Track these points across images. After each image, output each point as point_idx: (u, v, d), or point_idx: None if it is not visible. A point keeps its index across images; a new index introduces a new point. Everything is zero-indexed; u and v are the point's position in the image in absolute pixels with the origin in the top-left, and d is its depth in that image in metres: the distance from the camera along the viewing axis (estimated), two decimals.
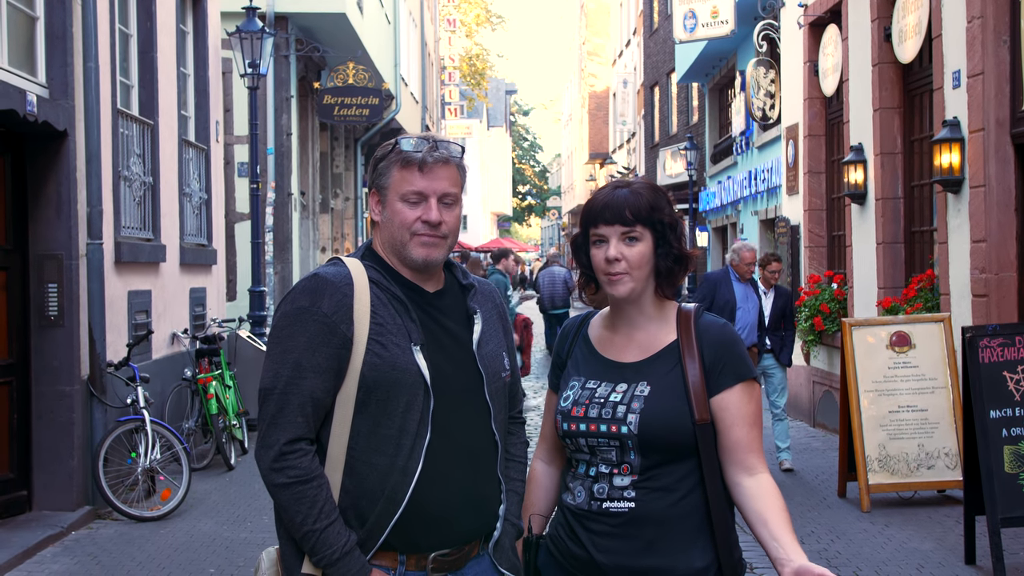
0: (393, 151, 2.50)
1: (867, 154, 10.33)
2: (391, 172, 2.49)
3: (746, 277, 8.97)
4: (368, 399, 2.39)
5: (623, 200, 2.51)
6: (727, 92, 20.52)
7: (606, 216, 2.51)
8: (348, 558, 2.35)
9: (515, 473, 2.66)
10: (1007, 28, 7.66)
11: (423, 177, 2.47)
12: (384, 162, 2.51)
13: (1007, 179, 7.68)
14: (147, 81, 9.27)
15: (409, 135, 2.53)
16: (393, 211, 2.49)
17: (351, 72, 16.88)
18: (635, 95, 34.49)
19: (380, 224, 2.53)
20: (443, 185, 2.48)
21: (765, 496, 2.44)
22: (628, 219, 2.49)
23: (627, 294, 2.53)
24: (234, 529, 7.26)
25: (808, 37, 12.36)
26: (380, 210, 2.53)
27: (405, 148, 2.47)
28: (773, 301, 9.21)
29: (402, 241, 2.49)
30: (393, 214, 2.49)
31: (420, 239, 2.47)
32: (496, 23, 44.45)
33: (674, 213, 2.56)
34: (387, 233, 2.52)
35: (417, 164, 2.46)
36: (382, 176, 2.51)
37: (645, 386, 2.49)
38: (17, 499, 7.34)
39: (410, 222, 2.47)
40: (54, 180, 7.47)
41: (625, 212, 2.49)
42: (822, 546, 6.73)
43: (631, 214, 2.49)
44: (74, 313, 7.51)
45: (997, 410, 6.10)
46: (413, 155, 2.46)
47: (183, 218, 10.15)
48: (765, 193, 16.33)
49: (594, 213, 2.54)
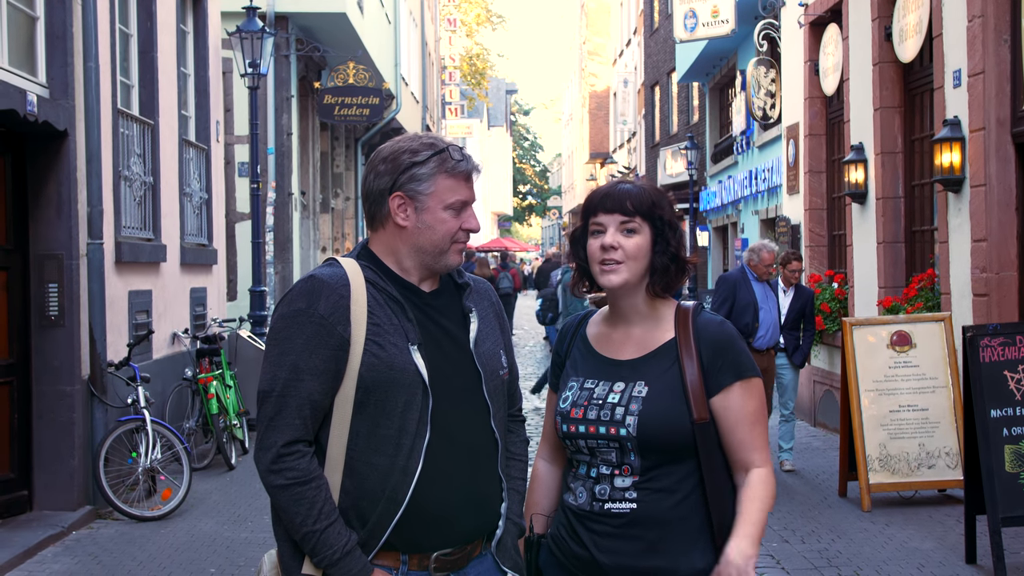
0: (436, 157, 2.48)
1: (868, 153, 10.33)
2: (435, 179, 2.47)
3: (764, 277, 8.79)
4: (367, 400, 2.39)
5: (625, 192, 2.53)
6: (728, 91, 20.52)
7: (606, 205, 2.52)
8: (349, 558, 2.35)
9: (516, 472, 2.66)
10: (1008, 27, 7.66)
11: (467, 187, 2.52)
12: (423, 168, 2.48)
13: (1008, 178, 7.67)
14: (147, 81, 9.27)
15: (443, 140, 2.54)
16: (437, 219, 2.48)
17: (351, 72, 16.87)
18: (636, 94, 34.48)
19: (408, 229, 2.50)
20: (475, 195, 2.56)
21: (749, 487, 2.47)
22: (628, 210, 2.50)
23: (619, 285, 2.52)
24: (235, 529, 7.26)
25: (808, 36, 12.36)
26: (413, 215, 2.49)
27: (457, 157, 2.49)
28: (792, 300, 9.06)
29: (442, 249, 2.50)
30: (437, 222, 2.48)
31: (458, 247, 2.53)
32: (496, 23, 44.44)
33: (675, 214, 2.56)
34: (422, 239, 2.49)
35: (465, 175, 2.50)
36: (421, 182, 2.48)
37: (643, 386, 2.49)
38: (18, 499, 7.34)
39: (455, 231, 2.50)
40: (54, 180, 7.47)
41: (626, 203, 2.50)
42: (823, 545, 6.73)
43: (632, 205, 2.50)
44: (75, 313, 7.51)
45: (998, 409, 6.10)
46: (463, 165, 2.50)
47: (184, 218, 10.15)
48: (766, 192, 16.33)
49: (595, 202, 2.56)
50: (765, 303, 8.77)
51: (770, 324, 8.76)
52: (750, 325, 8.60)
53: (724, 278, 9.18)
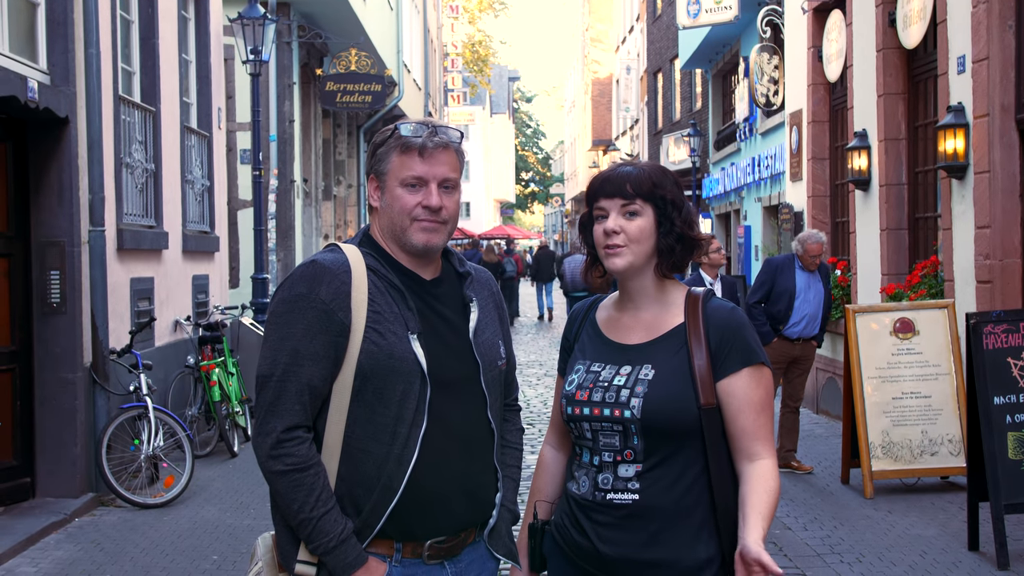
0: (392, 136, 2.48)
1: (871, 140, 10.30)
2: (390, 157, 2.47)
3: (810, 268, 8.52)
4: (364, 387, 2.38)
5: (625, 175, 2.51)
6: (731, 78, 20.46)
7: (607, 189, 2.51)
8: (345, 546, 2.35)
9: (511, 460, 2.66)
10: (1012, 13, 7.62)
11: (423, 162, 2.45)
12: (383, 147, 2.49)
13: (1012, 165, 7.65)
14: (149, 67, 9.25)
15: (408, 120, 2.51)
16: (393, 197, 2.47)
17: (353, 59, 16.84)
18: (638, 81, 34.39)
19: (379, 210, 2.51)
20: (443, 170, 2.47)
21: (754, 479, 2.43)
22: (628, 193, 2.48)
23: (624, 268, 2.50)
24: (237, 516, 7.27)
25: (812, 23, 12.32)
26: (379, 196, 2.51)
27: (405, 133, 2.45)
28: None
29: (402, 227, 2.47)
30: (393, 200, 2.47)
31: (421, 224, 2.46)
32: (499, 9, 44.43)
33: (679, 193, 2.53)
34: (386, 219, 2.50)
35: (417, 149, 2.44)
36: (381, 162, 2.48)
37: (650, 370, 2.47)
38: (20, 486, 7.35)
39: (410, 207, 2.45)
40: (56, 167, 7.45)
41: (626, 186, 2.48)
42: (825, 532, 6.73)
43: (631, 188, 2.48)
44: (76, 300, 7.51)
45: (1001, 396, 6.09)
46: (413, 140, 2.45)
47: (185, 205, 10.14)
48: (769, 180, 16.29)
49: (596, 188, 2.54)
50: (806, 292, 8.48)
51: (807, 314, 8.47)
52: (782, 312, 8.39)
53: (769, 262, 8.79)
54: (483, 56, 43.26)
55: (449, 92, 37.87)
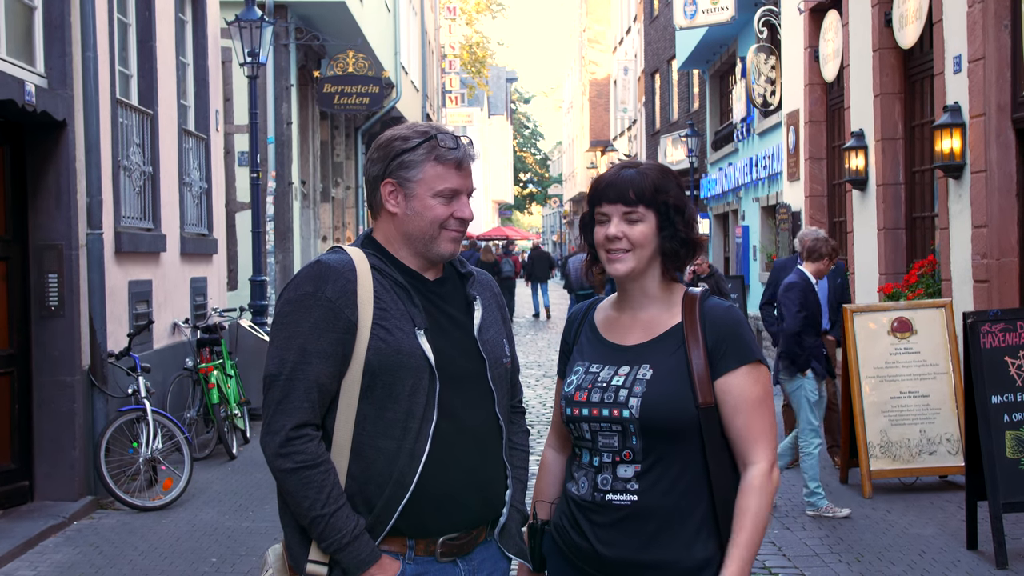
0: (425, 145, 2.48)
1: (868, 140, 10.31)
2: (423, 166, 2.48)
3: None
4: (373, 384, 2.39)
5: (627, 180, 2.49)
6: (728, 79, 20.48)
7: (609, 195, 2.50)
8: (357, 543, 2.35)
9: (518, 461, 2.66)
10: (1008, 12, 7.64)
11: (459, 175, 2.50)
12: (411, 154, 2.48)
13: (1008, 164, 7.66)
14: (146, 70, 9.25)
15: (437, 127, 2.53)
16: (425, 206, 2.48)
17: (351, 60, 16.85)
18: (636, 82, 34.42)
19: (399, 216, 2.51)
20: (472, 183, 2.54)
21: (741, 498, 2.43)
22: (630, 199, 2.47)
23: (626, 273, 2.51)
24: (236, 518, 7.27)
25: (808, 23, 12.33)
26: (402, 203, 2.50)
27: (447, 144, 2.48)
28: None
29: (431, 236, 2.49)
30: (425, 209, 2.48)
31: (450, 234, 2.51)
32: (496, 11, 44.39)
33: (682, 196, 2.53)
34: (412, 226, 2.50)
35: (456, 162, 2.48)
36: (409, 169, 2.48)
37: (648, 369, 2.47)
38: (19, 489, 7.34)
39: (443, 218, 2.49)
40: (53, 170, 7.45)
41: (628, 192, 2.48)
42: (824, 532, 6.73)
43: (634, 194, 2.47)
44: (74, 303, 7.51)
45: (998, 395, 6.10)
46: (455, 153, 2.48)
47: (183, 208, 10.14)
48: (766, 180, 16.31)
49: (598, 192, 2.53)
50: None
51: None
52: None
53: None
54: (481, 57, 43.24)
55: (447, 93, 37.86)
